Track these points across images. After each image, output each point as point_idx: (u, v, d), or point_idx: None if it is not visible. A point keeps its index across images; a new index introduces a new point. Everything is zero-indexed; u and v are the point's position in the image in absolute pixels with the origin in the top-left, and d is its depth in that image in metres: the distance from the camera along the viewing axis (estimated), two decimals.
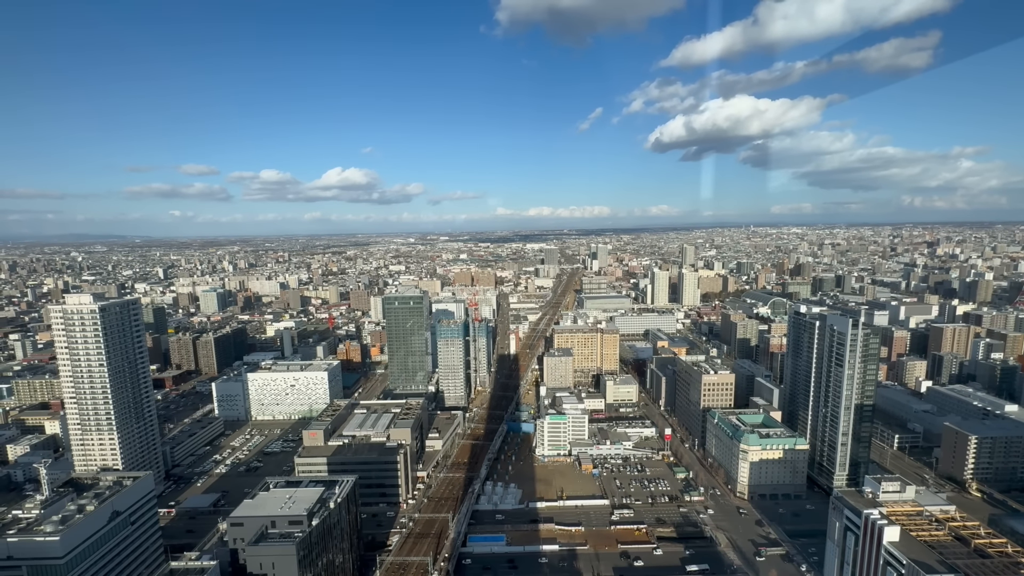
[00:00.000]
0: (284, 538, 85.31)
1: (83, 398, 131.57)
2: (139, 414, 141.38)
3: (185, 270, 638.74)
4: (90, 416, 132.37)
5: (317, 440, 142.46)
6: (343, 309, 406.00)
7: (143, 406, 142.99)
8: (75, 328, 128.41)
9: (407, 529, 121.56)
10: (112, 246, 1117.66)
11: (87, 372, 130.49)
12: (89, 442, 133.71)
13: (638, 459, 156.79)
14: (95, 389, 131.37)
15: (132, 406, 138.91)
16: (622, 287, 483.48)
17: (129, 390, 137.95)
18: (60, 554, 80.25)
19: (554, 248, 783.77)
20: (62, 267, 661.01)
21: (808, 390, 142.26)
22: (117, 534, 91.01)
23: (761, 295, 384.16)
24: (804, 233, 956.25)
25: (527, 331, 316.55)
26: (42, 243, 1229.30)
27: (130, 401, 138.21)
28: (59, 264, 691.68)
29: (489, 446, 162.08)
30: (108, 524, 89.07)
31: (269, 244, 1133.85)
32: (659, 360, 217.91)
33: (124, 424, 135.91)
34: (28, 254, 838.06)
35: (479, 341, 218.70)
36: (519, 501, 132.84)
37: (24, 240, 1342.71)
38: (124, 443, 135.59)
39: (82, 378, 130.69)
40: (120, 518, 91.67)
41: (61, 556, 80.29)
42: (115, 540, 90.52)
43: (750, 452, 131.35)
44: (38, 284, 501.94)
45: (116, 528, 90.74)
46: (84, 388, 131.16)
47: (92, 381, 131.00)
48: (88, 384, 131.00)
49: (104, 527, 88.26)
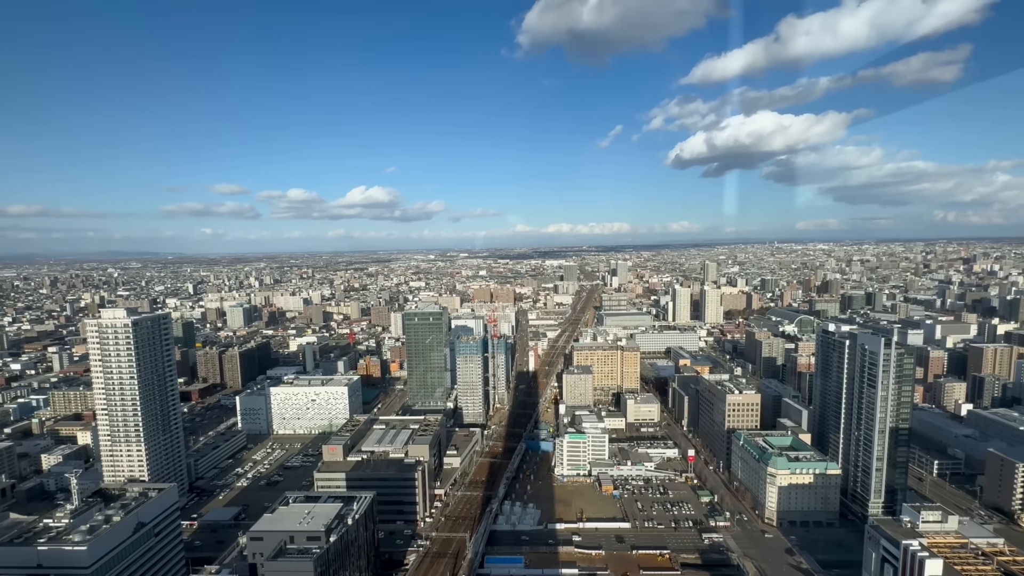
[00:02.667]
0: (302, 554, 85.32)
1: (114, 409, 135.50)
2: (166, 426, 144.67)
3: (214, 286, 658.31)
4: (120, 427, 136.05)
5: (336, 455, 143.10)
6: (364, 325, 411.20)
7: (170, 418, 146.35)
8: (109, 341, 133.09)
9: (424, 548, 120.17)
10: (146, 262, 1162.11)
11: (118, 384, 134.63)
12: (118, 453, 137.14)
13: (660, 481, 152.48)
14: (125, 401, 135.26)
15: (160, 418, 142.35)
16: (642, 304, 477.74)
17: (157, 402, 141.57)
18: (87, 564, 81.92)
19: (573, 265, 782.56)
20: (99, 283, 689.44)
21: (839, 412, 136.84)
22: (141, 545, 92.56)
23: (787, 313, 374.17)
24: (831, 249, 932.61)
25: (546, 348, 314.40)
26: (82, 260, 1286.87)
27: (158, 413, 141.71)
28: (96, 280, 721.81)
29: (507, 464, 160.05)
30: (133, 535, 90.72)
31: (294, 260, 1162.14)
32: (681, 379, 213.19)
33: (152, 436, 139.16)
34: (68, 270, 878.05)
35: (498, 358, 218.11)
36: (538, 522, 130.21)
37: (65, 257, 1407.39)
38: (151, 455, 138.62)
39: (113, 390, 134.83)
40: (144, 529, 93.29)
41: (87, 566, 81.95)
42: (139, 551, 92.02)
43: (778, 476, 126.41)
44: (76, 299, 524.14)
45: (141, 539, 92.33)
46: (115, 400, 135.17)
47: (123, 393, 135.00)
48: (119, 396, 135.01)
49: (129, 538, 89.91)
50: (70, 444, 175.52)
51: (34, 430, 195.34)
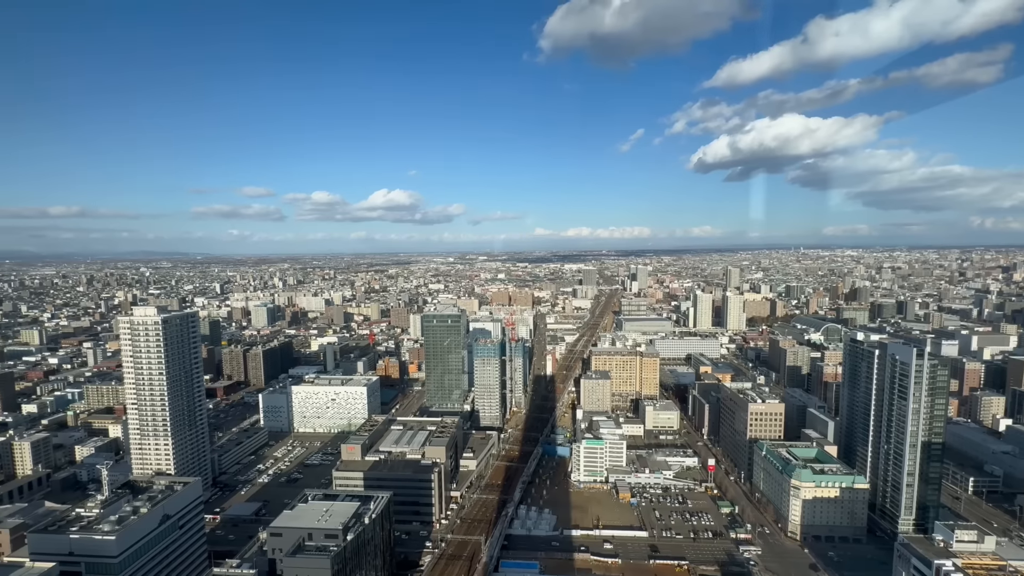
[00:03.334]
0: (320, 551, 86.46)
1: (143, 404, 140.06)
2: (192, 422, 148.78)
3: (240, 286, 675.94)
4: (148, 422, 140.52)
5: (355, 455, 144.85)
6: (383, 326, 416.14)
7: (196, 414, 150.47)
8: (140, 338, 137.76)
9: (439, 550, 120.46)
10: (176, 262, 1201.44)
11: (148, 380, 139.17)
12: (146, 446, 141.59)
13: (679, 490, 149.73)
14: (154, 396, 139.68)
15: (186, 414, 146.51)
16: (662, 309, 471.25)
17: (184, 398, 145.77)
18: (115, 553, 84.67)
19: (592, 269, 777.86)
20: (132, 281, 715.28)
21: (867, 424, 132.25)
22: (166, 537, 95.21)
23: (813, 321, 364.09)
24: (860, 256, 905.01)
25: (564, 352, 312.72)
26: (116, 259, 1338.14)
27: (184, 409, 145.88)
28: (129, 279, 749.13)
29: (524, 469, 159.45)
30: (159, 527, 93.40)
31: (317, 262, 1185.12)
32: (702, 386, 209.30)
33: (178, 431, 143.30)
34: (103, 269, 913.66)
35: (515, 361, 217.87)
36: (553, 528, 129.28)
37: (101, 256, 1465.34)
38: (177, 449, 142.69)
39: (143, 385, 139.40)
40: (170, 521, 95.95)
41: (116, 555, 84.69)
42: (164, 543, 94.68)
43: (802, 489, 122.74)
44: (111, 297, 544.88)
45: (166, 531, 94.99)
46: (144, 395, 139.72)
47: (152, 388, 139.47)
48: (148, 391, 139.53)
49: (155, 529, 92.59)
50: (102, 437, 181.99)
51: (69, 422, 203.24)
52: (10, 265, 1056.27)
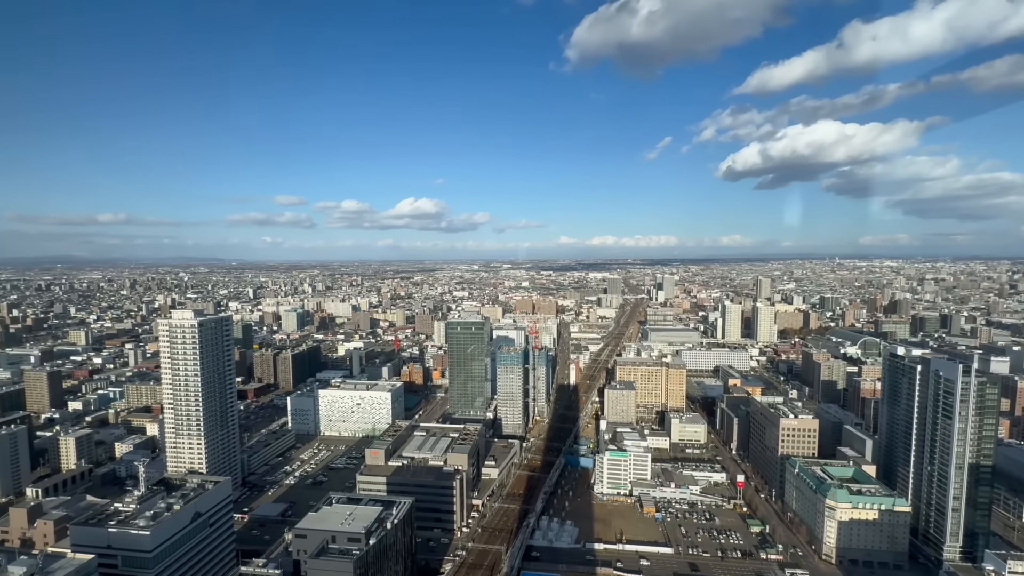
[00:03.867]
0: (343, 554, 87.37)
1: (179, 404, 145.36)
2: (224, 422, 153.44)
3: (271, 291, 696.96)
4: (183, 421, 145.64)
5: (378, 459, 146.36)
6: (408, 332, 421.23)
7: (228, 415, 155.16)
8: (177, 340, 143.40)
9: (460, 558, 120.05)
10: (213, 268, 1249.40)
11: (184, 381, 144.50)
12: (181, 445, 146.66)
13: (706, 506, 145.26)
14: (189, 397, 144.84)
15: (219, 414, 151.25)
16: (690, 320, 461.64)
17: (217, 399, 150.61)
18: (149, 548, 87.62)
19: (617, 278, 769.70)
20: (171, 286, 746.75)
21: (909, 444, 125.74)
22: (198, 534, 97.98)
23: (849, 334, 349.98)
24: (900, 267, 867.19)
25: (588, 362, 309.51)
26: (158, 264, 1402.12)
27: (217, 410, 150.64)
28: (169, 283, 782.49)
29: (546, 479, 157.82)
30: (191, 524, 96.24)
31: (345, 269, 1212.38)
32: (730, 399, 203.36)
33: (211, 431, 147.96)
34: (146, 273, 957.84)
35: (539, 370, 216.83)
36: (575, 540, 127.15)
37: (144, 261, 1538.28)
38: (209, 448, 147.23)
39: (179, 386, 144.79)
40: (201, 519, 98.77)
41: (150, 550, 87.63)
42: (195, 539, 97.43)
43: (838, 510, 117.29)
44: (151, 300, 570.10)
45: (197, 528, 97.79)
46: (180, 395, 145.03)
47: (187, 389, 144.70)
48: (184, 391, 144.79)
49: (187, 526, 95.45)
50: (140, 434, 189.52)
51: (110, 420, 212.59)
52: (61, 269, 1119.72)
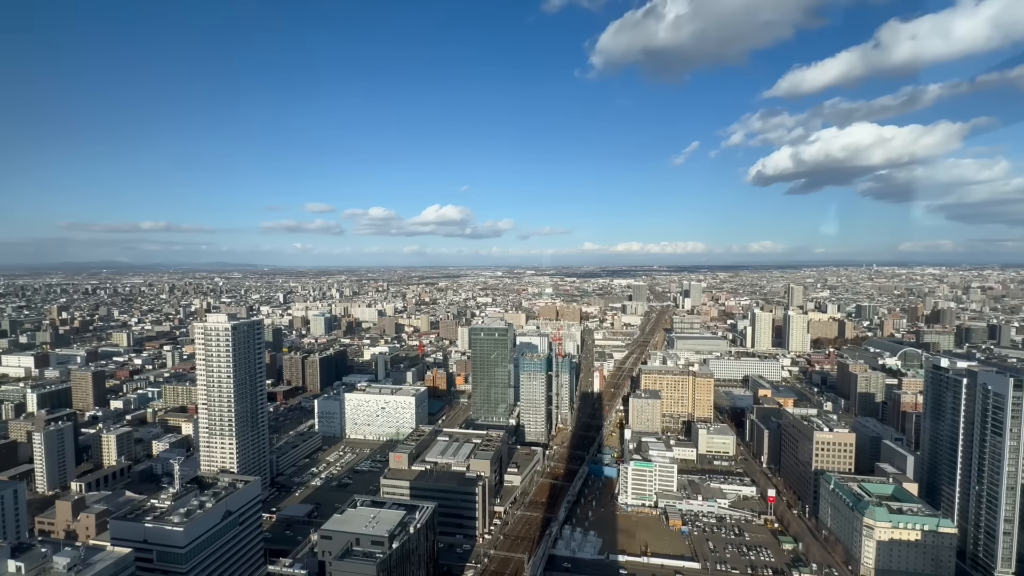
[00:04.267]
0: (366, 557, 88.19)
1: (212, 405, 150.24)
2: (254, 423, 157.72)
3: (300, 296, 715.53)
4: (216, 421, 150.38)
5: (402, 463, 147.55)
6: (432, 337, 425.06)
7: (258, 416, 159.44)
8: (211, 343, 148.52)
9: (482, 565, 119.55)
10: (246, 273, 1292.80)
11: (217, 382, 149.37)
12: (213, 445, 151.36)
13: (735, 520, 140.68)
14: (222, 398, 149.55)
15: (249, 416, 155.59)
16: (717, 328, 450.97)
17: (248, 401, 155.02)
18: (182, 544, 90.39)
19: (643, 284, 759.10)
20: (207, 290, 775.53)
21: (954, 461, 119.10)
22: (228, 532, 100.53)
23: (888, 344, 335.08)
24: (943, 274, 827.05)
25: (612, 370, 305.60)
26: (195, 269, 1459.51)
27: (248, 411, 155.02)
28: (205, 288, 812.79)
29: (569, 488, 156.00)
30: (221, 522, 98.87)
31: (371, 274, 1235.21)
32: (760, 410, 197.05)
33: (242, 431, 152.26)
34: (184, 278, 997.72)
35: (562, 377, 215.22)
36: (599, 551, 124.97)
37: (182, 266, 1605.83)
38: (240, 449, 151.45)
39: (213, 387, 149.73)
40: (231, 517, 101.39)
41: (183, 546, 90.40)
42: (226, 537, 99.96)
43: (876, 529, 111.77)
44: (188, 304, 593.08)
45: (227, 526, 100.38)
46: (214, 396, 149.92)
47: (220, 390, 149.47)
48: (217, 392, 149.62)
49: (218, 524, 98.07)
50: (176, 433, 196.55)
51: (148, 419, 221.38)
52: (106, 274, 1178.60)
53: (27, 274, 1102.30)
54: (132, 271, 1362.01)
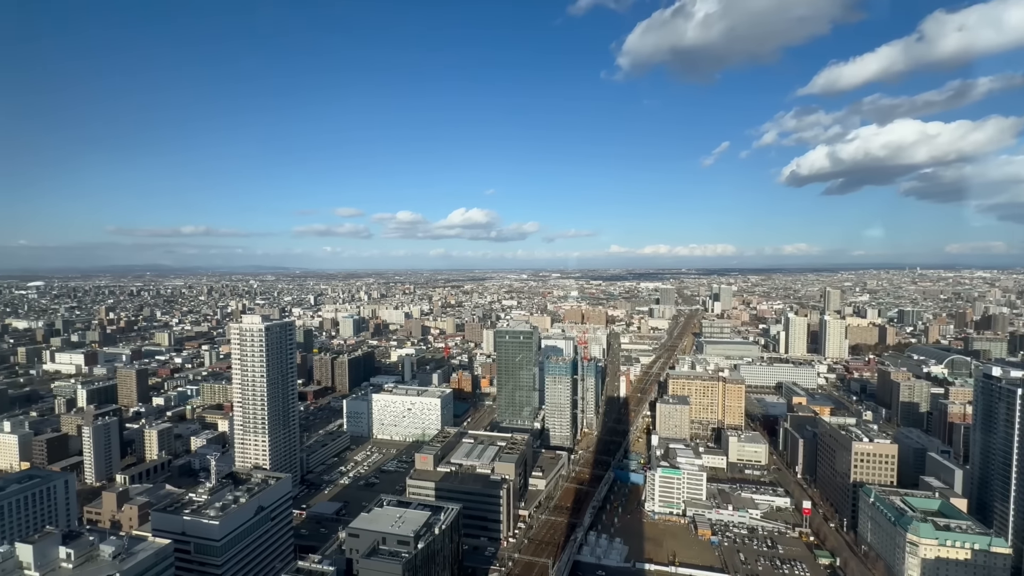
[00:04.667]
0: (393, 556, 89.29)
1: (247, 403, 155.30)
2: (286, 422, 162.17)
3: (330, 298, 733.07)
4: (250, 419, 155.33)
5: (427, 464, 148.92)
6: (458, 340, 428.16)
7: (289, 415, 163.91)
8: (246, 343, 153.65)
9: (506, 568, 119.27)
10: (279, 276, 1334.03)
11: (251, 381, 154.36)
12: (247, 442, 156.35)
13: (768, 532, 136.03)
14: (256, 396, 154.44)
15: (281, 414, 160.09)
16: (749, 333, 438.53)
17: (280, 400, 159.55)
18: (218, 537, 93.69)
19: (671, 288, 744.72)
20: (242, 292, 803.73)
21: (1007, 476, 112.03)
22: (260, 527, 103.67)
23: (934, 351, 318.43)
24: (995, 278, 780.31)
25: (639, 374, 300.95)
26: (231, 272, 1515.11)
27: (280, 410, 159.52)
28: (240, 290, 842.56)
29: (594, 493, 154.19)
30: (254, 517, 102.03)
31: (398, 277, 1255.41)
32: (795, 419, 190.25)
33: (274, 429, 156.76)
34: (221, 281, 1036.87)
35: (587, 381, 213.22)
36: (624, 558, 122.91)
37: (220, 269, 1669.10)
38: (273, 446, 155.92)
39: (247, 385, 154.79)
40: (263, 513, 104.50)
41: (218, 539, 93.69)
42: (258, 532, 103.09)
43: (921, 546, 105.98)
44: (225, 306, 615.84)
45: (260, 521, 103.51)
46: (248, 394, 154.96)
47: (254, 389, 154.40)
48: (251, 391, 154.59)
49: (251, 519, 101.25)
50: (212, 430, 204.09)
51: (187, 415, 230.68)
52: (150, 277, 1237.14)
53: (78, 276, 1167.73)
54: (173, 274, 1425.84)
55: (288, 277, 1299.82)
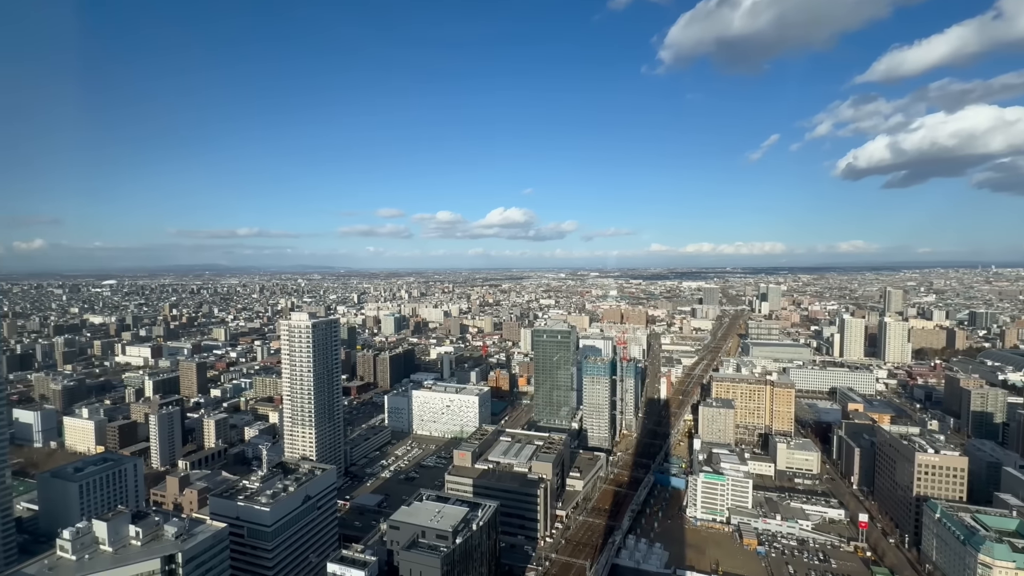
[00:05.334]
0: (431, 550, 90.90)
1: (295, 396, 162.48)
2: (331, 415, 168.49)
3: (373, 296, 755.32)
4: (298, 411, 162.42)
5: (465, 461, 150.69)
6: (496, 338, 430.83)
7: (334, 409, 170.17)
8: (294, 339, 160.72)
9: (543, 568, 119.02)
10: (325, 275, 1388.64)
11: (299, 375, 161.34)
12: (296, 433, 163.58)
13: (820, 545, 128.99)
14: (303, 389, 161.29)
15: (327, 408, 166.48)
16: (799, 335, 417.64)
17: (326, 394, 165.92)
18: (269, 523, 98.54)
19: (715, 287, 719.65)
20: (291, 291, 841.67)
21: None
22: (307, 515, 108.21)
23: (1011, 356, 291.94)
24: None
25: (680, 376, 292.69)
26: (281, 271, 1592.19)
27: (326, 403, 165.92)
28: (289, 288, 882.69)
29: (633, 496, 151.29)
30: (302, 505, 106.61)
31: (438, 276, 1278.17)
32: (851, 426, 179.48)
33: (320, 422, 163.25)
34: (271, 280, 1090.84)
35: (627, 382, 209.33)
36: (664, 564, 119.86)
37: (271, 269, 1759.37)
38: (319, 438, 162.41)
39: (295, 379, 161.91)
40: (310, 502, 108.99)
41: (269, 525, 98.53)
42: (305, 520, 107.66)
43: (996, 569, 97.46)
44: (275, 303, 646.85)
45: (307, 510, 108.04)
46: (296, 388, 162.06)
47: (302, 383, 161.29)
48: (299, 385, 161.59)
49: (299, 507, 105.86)
50: (264, 421, 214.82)
51: (241, 407, 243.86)
52: (208, 276, 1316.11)
53: (146, 276, 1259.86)
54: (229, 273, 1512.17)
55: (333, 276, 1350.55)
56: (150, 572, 78.45)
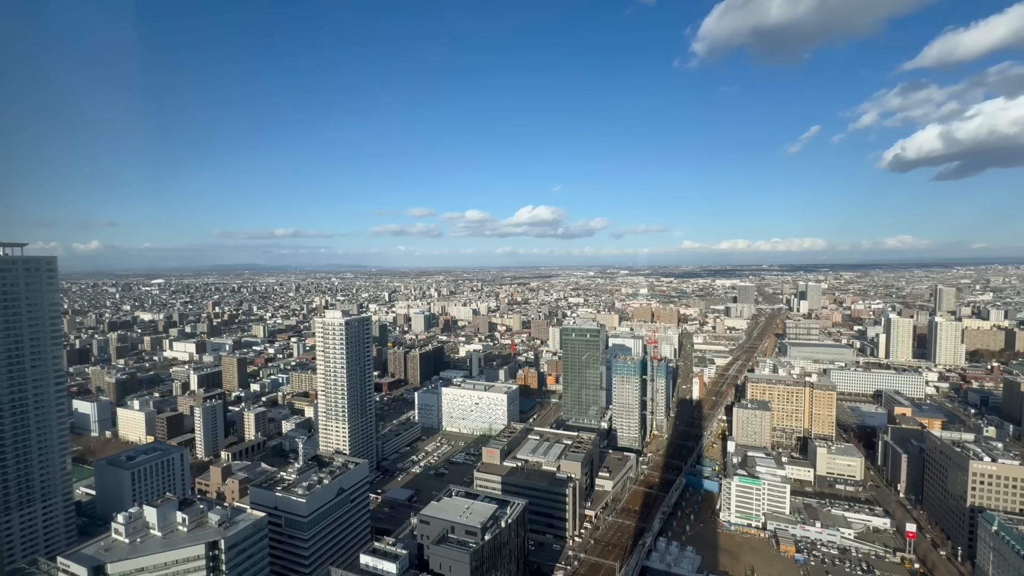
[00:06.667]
0: (460, 545, 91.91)
1: (329, 391, 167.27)
2: (363, 411, 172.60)
3: (403, 295, 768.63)
4: (332, 407, 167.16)
5: (494, 458, 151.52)
6: (524, 337, 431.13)
7: (366, 405, 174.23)
8: (328, 336, 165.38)
9: (571, 567, 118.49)
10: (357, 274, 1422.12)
11: (333, 371, 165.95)
12: (330, 427, 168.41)
13: (863, 555, 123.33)
14: (337, 385, 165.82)
15: (359, 403, 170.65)
16: (841, 335, 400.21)
17: (358, 389, 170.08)
18: (304, 514, 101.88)
19: (750, 285, 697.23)
20: (325, 289, 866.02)
21: None
22: (341, 507, 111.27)
23: None
24: None
25: (713, 376, 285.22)
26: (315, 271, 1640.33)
27: (358, 399, 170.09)
28: (323, 287, 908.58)
29: (664, 498, 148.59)
30: (336, 497, 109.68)
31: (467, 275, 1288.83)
32: (897, 431, 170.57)
33: (353, 417, 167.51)
34: (307, 279, 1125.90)
35: (657, 381, 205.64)
36: (697, 568, 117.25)
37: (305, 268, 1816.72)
38: (352, 433, 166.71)
39: (329, 375, 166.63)
40: (344, 494, 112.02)
41: (305, 516, 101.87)
42: (339, 512, 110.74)
43: None
44: (310, 301, 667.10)
45: (340, 502, 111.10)
46: (330, 383, 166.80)
47: (335, 379, 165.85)
48: (333, 380, 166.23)
49: (333, 500, 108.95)
50: (300, 415, 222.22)
51: (279, 401, 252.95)
52: (248, 275, 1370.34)
53: (191, 275, 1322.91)
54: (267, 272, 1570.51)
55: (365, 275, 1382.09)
56: (195, 556, 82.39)
